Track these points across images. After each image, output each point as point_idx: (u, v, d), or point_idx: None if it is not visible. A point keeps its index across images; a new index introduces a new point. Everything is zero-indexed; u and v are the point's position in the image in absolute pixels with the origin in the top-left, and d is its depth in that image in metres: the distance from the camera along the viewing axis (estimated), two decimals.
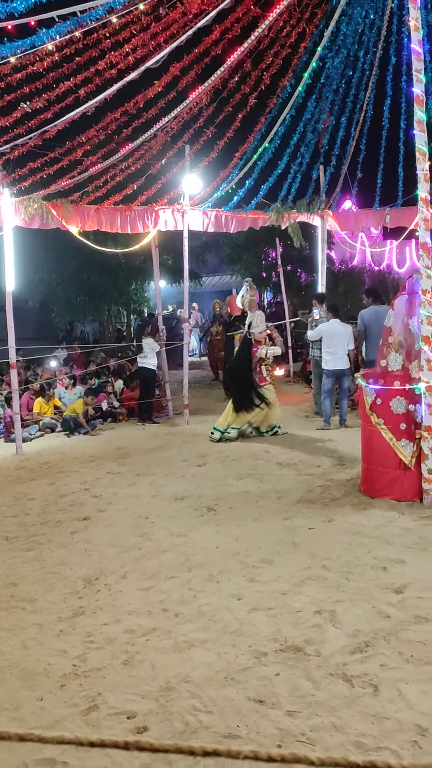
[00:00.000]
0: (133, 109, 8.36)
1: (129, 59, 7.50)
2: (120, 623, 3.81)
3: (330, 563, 4.52)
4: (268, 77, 9.03)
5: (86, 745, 0.97)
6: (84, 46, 7.13)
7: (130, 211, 9.89)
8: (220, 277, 29.48)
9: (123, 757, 2.63)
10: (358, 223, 12.77)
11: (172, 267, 18.51)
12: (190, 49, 7.91)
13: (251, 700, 2.99)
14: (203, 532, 5.32)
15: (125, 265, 16.98)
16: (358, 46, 9.99)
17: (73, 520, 5.83)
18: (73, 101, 7.81)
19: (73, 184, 9.29)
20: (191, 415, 10.47)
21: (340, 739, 2.69)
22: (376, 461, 5.99)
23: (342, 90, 10.57)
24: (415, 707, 2.87)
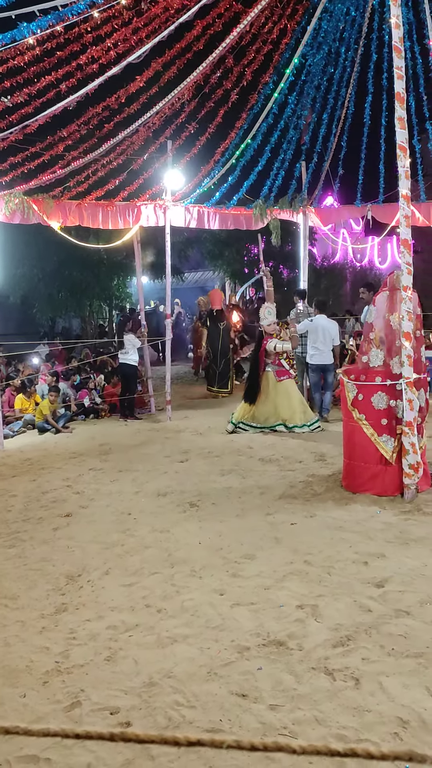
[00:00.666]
0: (114, 104, 8.32)
1: (111, 54, 7.45)
2: (103, 619, 3.81)
3: (312, 558, 4.56)
4: (249, 73, 9.03)
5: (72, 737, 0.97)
6: (65, 41, 7.07)
7: (111, 206, 9.83)
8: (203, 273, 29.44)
9: (106, 752, 2.63)
10: (340, 218, 12.84)
11: (154, 263, 18.46)
12: (172, 45, 7.88)
13: (234, 694, 3.01)
14: (186, 528, 5.33)
15: (107, 261, 16.88)
16: (340, 43, 10.02)
17: (55, 516, 5.81)
18: (55, 96, 7.74)
19: (55, 179, 9.21)
20: (174, 411, 10.47)
21: (322, 732, 2.72)
22: (357, 456, 6.04)
23: (323, 87, 10.61)
24: (396, 700, 2.91)
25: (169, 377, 10.69)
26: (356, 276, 21.67)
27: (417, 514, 5.38)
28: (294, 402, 8.95)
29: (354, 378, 6.07)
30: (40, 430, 9.93)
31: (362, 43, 10.17)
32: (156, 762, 2.58)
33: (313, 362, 9.52)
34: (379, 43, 10.00)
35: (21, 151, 8.52)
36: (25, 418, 10.37)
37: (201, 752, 2.59)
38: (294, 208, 11.86)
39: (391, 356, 5.97)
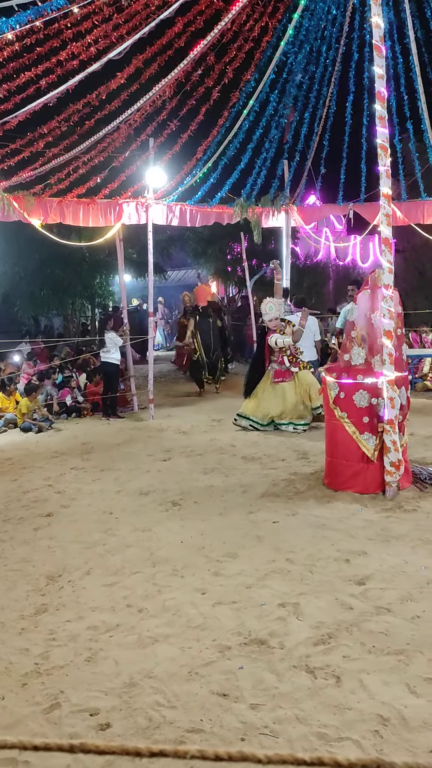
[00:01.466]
0: (95, 101, 8.26)
1: (91, 50, 7.40)
2: (83, 620, 3.78)
3: (294, 556, 4.56)
4: (231, 71, 9.01)
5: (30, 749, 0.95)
6: (45, 37, 7.01)
7: (93, 204, 9.77)
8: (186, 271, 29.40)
9: (85, 755, 2.61)
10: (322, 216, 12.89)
11: (136, 261, 18.38)
12: (152, 42, 7.85)
13: (215, 694, 3.00)
14: (168, 527, 5.31)
15: (89, 259, 16.80)
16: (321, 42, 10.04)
17: (36, 516, 5.76)
18: (35, 92, 7.67)
19: (35, 176, 9.13)
20: (156, 409, 10.43)
21: (302, 731, 2.72)
22: (339, 454, 6.06)
23: (305, 85, 10.63)
24: (376, 697, 2.91)
25: (151, 376, 10.65)
26: (339, 275, 21.76)
27: (398, 512, 5.41)
28: (287, 404, 8.72)
29: (336, 376, 6.09)
30: (23, 429, 9.85)
31: (343, 42, 10.20)
32: (136, 764, 2.56)
33: None
34: (360, 42, 10.03)
35: (1, 148, 8.44)
36: (6, 417, 10.28)
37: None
38: (276, 207, 11.88)
39: (373, 354, 6.00)
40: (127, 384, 11.77)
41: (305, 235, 14.22)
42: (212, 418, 9.97)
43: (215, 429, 9.22)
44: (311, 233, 13.82)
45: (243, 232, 14.87)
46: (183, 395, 12.51)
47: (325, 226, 18.91)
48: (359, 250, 21.31)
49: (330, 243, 18.29)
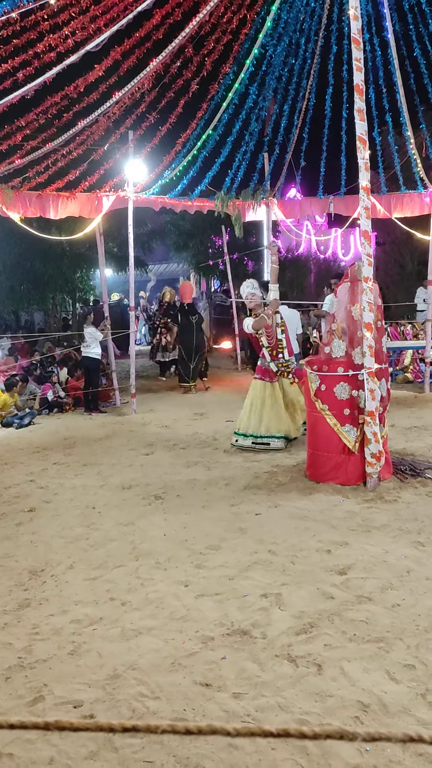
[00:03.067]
0: (73, 93, 8.19)
1: (68, 42, 7.33)
2: (66, 614, 3.79)
3: (276, 548, 4.60)
4: (209, 63, 8.98)
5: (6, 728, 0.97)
6: (21, 28, 6.93)
7: (73, 197, 9.70)
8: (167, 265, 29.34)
9: (69, 746, 2.62)
10: (303, 212, 12.90)
11: (117, 255, 18.30)
12: (130, 34, 7.79)
13: (198, 684, 3.02)
14: (150, 520, 5.32)
15: (70, 253, 16.69)
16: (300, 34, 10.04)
17: (18, 512, 5.74)
18: (12, 84, 7.58)
19: (14, 169, 9.04)
20: (138, 404, 10.42)
21: (284, 718, 2.76)
22: (321, 446, 6.10)
23: (284, 78, 10.62)
24: (357, 684, 2.96)
25: (133, 370, 10.63)
26: (320, 268, 21.85)
27: (379, 503, 5.47)
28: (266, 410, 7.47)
29: (317, 369, 6.12)
30: (5, 424, 9.80)
31: (322, 35, 10.20)
32: (119, 753, 2.58)
33: None
34: (339, 34, 10.05)
35: None
36: None
37: (165, 742, 2.60)
38: (256, 200, 11.88)
39: (353, 347, 6.04)
40: (109, 378, 11.74)
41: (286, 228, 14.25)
42: (194, 411, 9.99)
43: (197, 423, 9.24)
44: (292, 227, 13.84)
45: (224, 226, 14.87)
46: (166, 390, 12.50)
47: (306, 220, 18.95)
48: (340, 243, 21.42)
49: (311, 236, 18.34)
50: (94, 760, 2.56)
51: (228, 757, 2.53)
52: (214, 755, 2.54)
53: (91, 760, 2.56)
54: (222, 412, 9.74)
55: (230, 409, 9.95)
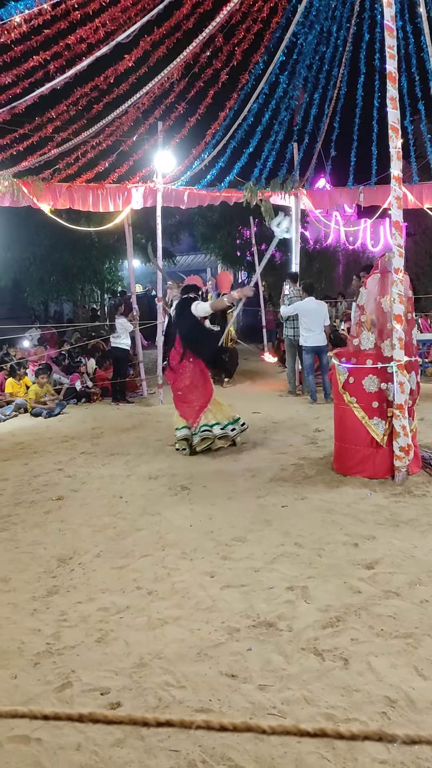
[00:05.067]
0: (103, 84, 8.20)
1: (99, 33, 7.33)
2: (94, 601, 3.83)
3: (302, 540, 4.58)
4: (239, 53, 8.91)
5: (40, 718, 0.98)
6: (53, 19, 6.95)
7: (102, 188, 9.74)
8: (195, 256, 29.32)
9: (96, 733, 2.66)
10: (333, 202, 12.77)
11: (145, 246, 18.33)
12: (161, 23, 7.76)
13: (224, 675, 3.03)
14: (177, 510, 5.35)
15: (98, 244, 16.77)
16: (332, 22, 9.90)
17: (47, 500, 5.81)
18: (43, 76, 7.62)
19: (44, 161, 9.11)
20: (165, 394, 10.45)
21: (310, 711, 2.75)
22: (348, 439, 6.06)
23: (315, 66, 10.49)
24: (384, 679, 2.94)
25: (160, 361, 10.65)
26: (348, 259, 21.63)
27: (407, 497, 5.41)
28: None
29: (345, 361, 6.07)
30: (34, 414, 9.93)
31: (354, 22, 10.04)
32: (146, 742, 2.60)
33: (307, 344, 9.57)
34: (371, 22, 9.89)
35: (9, 133, 8.41)
36: (17, 402, 10.35)
37: (191, 731, 2.62)
38: (285, 190, 11.78)
39: (383, 339, 5.97)
40: (136, 369, 11.80)
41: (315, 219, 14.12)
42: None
43: None
44: (321, 217, 13.71)
45: (252, 217, 14.78)
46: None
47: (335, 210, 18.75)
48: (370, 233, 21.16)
49: (340, 227, 18.15)
50: (120, 747, 2.58)
51: (254, 748, 2.53)
52: (240, 746, 2.54)
53: (117, 747, 2.58)
54: (248, 403, 9.72)
55: (256, 400, 9.95)
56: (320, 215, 13.42)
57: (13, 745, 2.63)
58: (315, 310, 9.53)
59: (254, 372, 12.95)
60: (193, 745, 2.57)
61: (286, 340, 10.59)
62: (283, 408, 9.40)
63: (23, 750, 2.60)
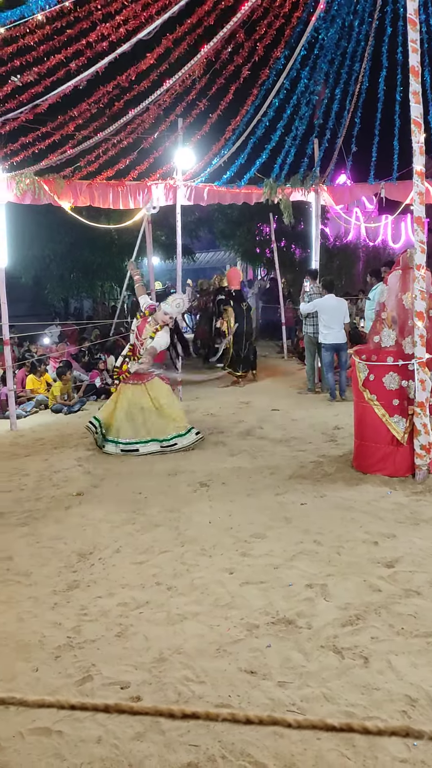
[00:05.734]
0: (125, 82, 8.22)
1: (121, 31, 7.35)
2: (114, 596, 3.86)
3: (322, 538, 4.57)
4: (261, 48, 8.88)
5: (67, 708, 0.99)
6: (75, 18, 6.98)
7: (122, 186, 9.77)
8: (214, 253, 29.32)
9: (116, 726, 2.68)
10: (353, 197, 12.68)
11: (165, 243, 18.36)
12: (182, 20, 7.76)
13: (243, 671, 3.04)
14: (196, 507, 5.36)
15: (118, 241, 16.83)
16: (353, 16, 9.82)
17: (67, 495, 5.85)
18: (65, 75, 7.66)
19: (65, 159, 9.16)
20: (184, 391, 10.47)
21: (330, 709, 2.75)
22: (368, 437, 6.02)
23: (337, 61, 10.42)
24: (404, 678, 2.92)
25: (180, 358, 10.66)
26: (369, 255, 21.47)
27: (428, 495, 5.37)
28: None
29: (365, 358, 6.04)
30: (54, 410, 10.01)
31: (377, 16, 9.95)
32: (166, 736, 2.62)
33: (326, 342, 9.51)
34: (394, 15, 9.79)
35: (31, 131, 8.46)
36: (37, 398, 10.44)
37: (210, 726, 2.63)
38: (306, 186, 11.72)
39: (404, 336, 5.93)
40: None
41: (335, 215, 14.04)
42: (240, 400, 9.98)
43: (243, 411, 9.23)
44: (341, 213, 13.63)
45: (272, 213, 14.73)
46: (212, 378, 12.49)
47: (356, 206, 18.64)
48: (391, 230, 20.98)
49: (360, 223, 18.02)
50: (140, 741, 2.60)
51: (273, 744, 2.54)
52: (260, 742, 2.55)
53: (137, 741, 2.60)
54: (267, 401, 9.71)
55: (276, 398, 9.92)
56: (340, 211, 13.33)
57: (35, 737, 2.66)
58: (335, 307, 9.47)
59: (273, 369, 12.92)
60: (213, 740, 2.58)
61: (306, 337, 10.54)
62: (302, 405, 9.37)
63: (44, 742, 2.63)
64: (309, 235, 13.66)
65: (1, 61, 6.99)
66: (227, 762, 2.46)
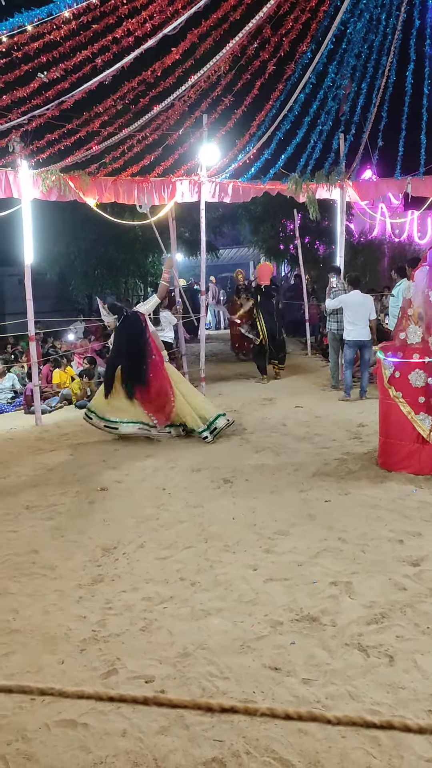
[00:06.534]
0: (150, 77, 8.23)
1: (146, 26, 7.35)
2: (138, 591, 3.88)
3: (346, 535, 4.54)
4: (287, 43, 8.82)
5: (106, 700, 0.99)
6: (101, 14, 7.01)
7: (147, 182, 9.80)
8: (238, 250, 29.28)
9: (141, 719, 2.69)
10: (379, 193, 12.55)
11: (189, 239, 18.39)
12: (208, 15, 7.74)
13: (267, 667, 3.03)
14: (219, 503, 5.36)
15: (142, 238, 16.90)
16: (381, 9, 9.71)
17: (91, 490, 5.90)
18: (91, 71, 7.69)
19: (91, 155, 9.20)
20: (207, 387, 10.48)
21: (355, 707, 2.73)
22: (393, 434, 5.97)
23: (364, 55, 10.31)
24: (430, 677, 2.90)
25: (203, 354, 10.69)
26: (394, 252, 21.25)
27: None
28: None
29: (391, 355, 5.98)
30: (79, 406, 10.09)
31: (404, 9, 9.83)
32: (190, 731, 2.62)
33: (350, 338, 9.42)
34: (422, 8, 9.66)
35: (57, 128, 8.52)
36: (62, 393, 10.53)
37: (235, 722, 2.63)
38: (331, 182, 11.63)
39: (430, 333, 5.86)
40: (179, 362, 11.85)
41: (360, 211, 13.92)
42: (263, 396, 9.96)
43: (266, 408, 9.21)
44: (366, 209, 13.50)
45: (296, 209, 14.66)
46: (235, 374, 12.51)
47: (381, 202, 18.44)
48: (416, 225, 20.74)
49: (386, 219, 17.84)
50: (165, 735, 2.61)
51: (298, 741, 2.53)
52: (284, 739, 2.54)
53: (162, 735, 2.61)
54: (291, 398, 9.68)
55: (299, 394, 9.89)
56: (366, 207, 13.20)
57: (60, 728, 2.69)
58: (360, 303, 9.39)
59: (297, 366, 12.87)
60: (237, 735, 2.58)
61: (330, 333, 10.47)
62: (326, 402, 9.32)
63: (70, 734, 2.65)
64: (333, 231, 13.57)
65: (29, 58, 7.03)
66: (252, 758, 2.46)
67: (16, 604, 3.79)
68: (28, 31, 6.64)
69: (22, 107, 7.88)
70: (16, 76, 7.22)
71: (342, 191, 11.91)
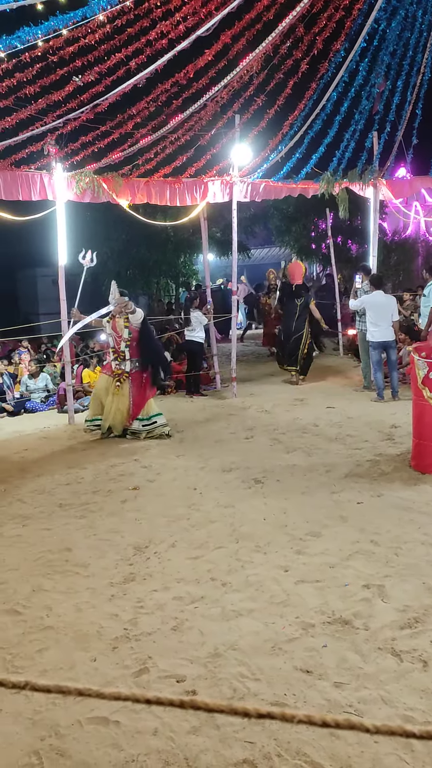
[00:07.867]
0: (183, 79, 8.26)
1: (180, 28, 7.38)
2: (169, 590, 3.89)
3: (379, 538, 4.50)
4: (320, 41, 8.76)
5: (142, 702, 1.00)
6: (135, 17, 7.06)
7: (179, 183, 9.84)
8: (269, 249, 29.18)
9: (172, 719, 2.70)
10: (413, 190, 12.39)
11: (220, 239, 18.40)
12: (241, 16, 7.74)
13: (298, 669, 3.02)
14: (251, 503, 5.35)
15: (174, 238, 16.98)
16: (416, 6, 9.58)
17: (123, 489, 5.95)
18: (125, 73, 7.76)
19: (124, 157, 9.28)
20: (239, 388, 10.48)
21: (388, 712, 2.70)
22: (427, 436, 5.89)
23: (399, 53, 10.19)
24: None
25: (234, 354, 10.69)
26: (429, 250, 20.96)
27: None
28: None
29: (425, 355, 5.90)
30: None
31: None
32: (221, 731, 2.63)
33: (373, 339, 9.28)
34: None
35: (92, 131, 8.61)
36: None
37: (266, 724, 2.63)
38: (364, 181, 11.52)
39: None
40: (210, 362, 11.87)
41: (394, 209, 13.76)
42: (295, 397, 9.92)
43: (298, 408, 9.17)
44: (401, 207, 13.33)
45: (328, 209, 14.56)
46: (266, 374, 12.47)
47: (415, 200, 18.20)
48: None
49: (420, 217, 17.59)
50: (196, 735, 2.62)
51: (329, 745, 2.51)
52: (315, 743, 2.53)
53: (193, 735, 2.62)
54: (323, 399, 9.61)
55: (331, 395, 9.82)
56: (399, 205, 13.04)
57: (93, 726, 2.72)
58: (383, 304, 9.25)
59: (328, 367, 12.78)
60: (268, 738, 2.57)
61: (360, 334, 10.37)
62: (358, 403, 9.23)
63: (102, 731, 2.68)
64: (366, 230, 13.43)
65: (64, 62, 7.12)
66: (283, 760, 2.46)
67: (50, 601, 3.85)
68: (63, 35, 6.72)
69: (57, 110, 7.98)
70: (51, 80, 7.32)
71: (375, 190, 11.79)
